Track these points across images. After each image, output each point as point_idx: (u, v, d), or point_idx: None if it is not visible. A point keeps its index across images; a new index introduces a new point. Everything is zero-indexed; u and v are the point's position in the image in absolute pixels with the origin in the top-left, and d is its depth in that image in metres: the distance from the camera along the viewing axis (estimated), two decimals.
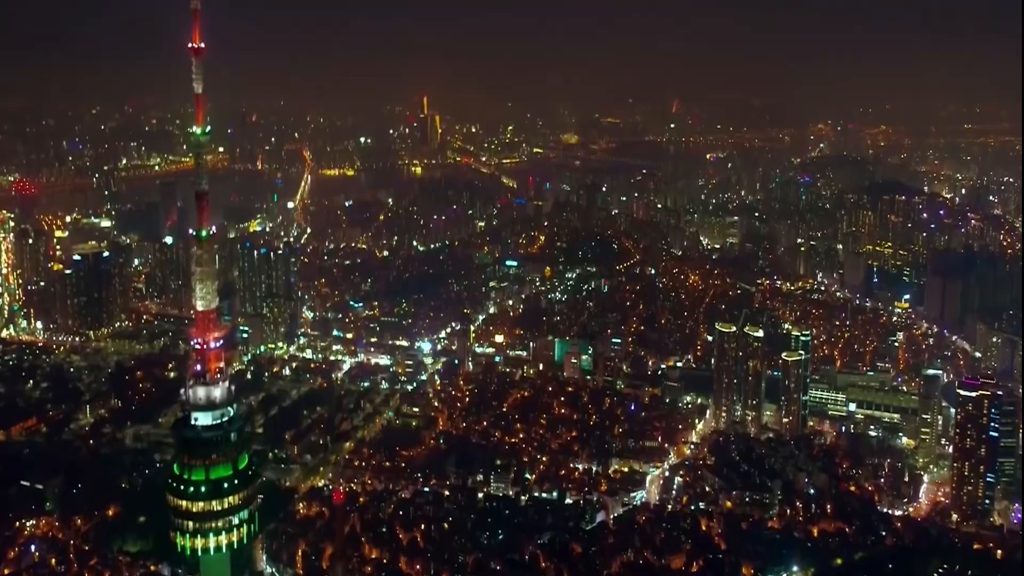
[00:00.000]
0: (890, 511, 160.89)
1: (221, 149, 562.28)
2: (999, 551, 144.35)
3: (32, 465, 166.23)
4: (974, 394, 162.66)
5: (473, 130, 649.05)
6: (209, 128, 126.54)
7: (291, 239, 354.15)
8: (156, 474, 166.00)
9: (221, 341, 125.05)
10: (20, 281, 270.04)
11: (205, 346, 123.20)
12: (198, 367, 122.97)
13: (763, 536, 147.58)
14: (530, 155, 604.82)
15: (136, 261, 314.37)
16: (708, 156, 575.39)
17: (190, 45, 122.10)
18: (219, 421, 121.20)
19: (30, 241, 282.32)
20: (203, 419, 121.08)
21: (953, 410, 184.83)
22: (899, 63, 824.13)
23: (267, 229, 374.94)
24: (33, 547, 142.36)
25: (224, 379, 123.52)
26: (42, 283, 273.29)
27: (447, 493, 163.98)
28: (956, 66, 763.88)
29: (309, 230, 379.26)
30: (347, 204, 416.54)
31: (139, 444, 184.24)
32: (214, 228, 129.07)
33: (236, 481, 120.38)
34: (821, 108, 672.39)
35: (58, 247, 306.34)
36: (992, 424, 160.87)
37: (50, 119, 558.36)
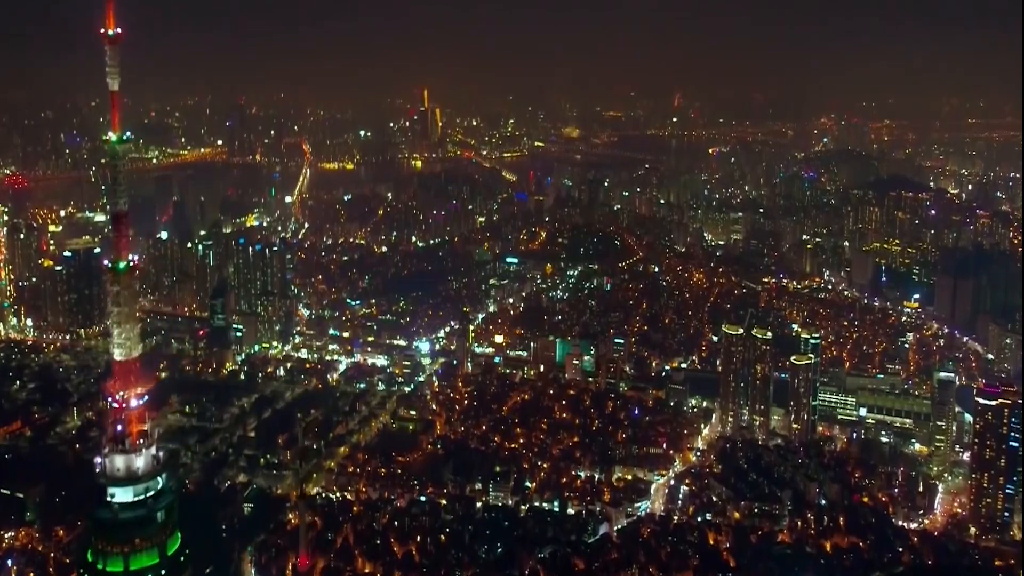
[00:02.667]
0: (905, 524, 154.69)
1: (220, 142, 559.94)
2: (1021, 569, 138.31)
3: (13, 471, 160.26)
4: (994, 402, 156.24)
5: (474, 123, 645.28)
6: (129, 134, 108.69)
7: (288, 234, 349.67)
8: None
9: (145, 397, 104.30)
10: (12, 277, 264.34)
11: (125, 404, 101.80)
12: (116, 430, 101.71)
13: (774, 551, 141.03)
14: (531, 149, 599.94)
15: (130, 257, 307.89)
16: (711, 150, 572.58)
17: (103, 31, 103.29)
18: (142, 497, 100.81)
19: (22, 236, 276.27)
20: (121, 495, 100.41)
21: (967, 415, 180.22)
22: (901, 57, 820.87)
23: (264, 224, 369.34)
24: (10, 561, 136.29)
25: (149, 444, 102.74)
26: (33, 279, 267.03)
27: (444, 502, 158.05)
28: (958, 60, 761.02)
29: (307, 225, 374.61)
30: (346, 198, 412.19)
31: None
32: (134, 259, 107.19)
33: (164, 571, 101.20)
34: (823, 102, 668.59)
35: (52, 242, 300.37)
36: (1012, 434, 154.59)
37: (48, 112, 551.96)
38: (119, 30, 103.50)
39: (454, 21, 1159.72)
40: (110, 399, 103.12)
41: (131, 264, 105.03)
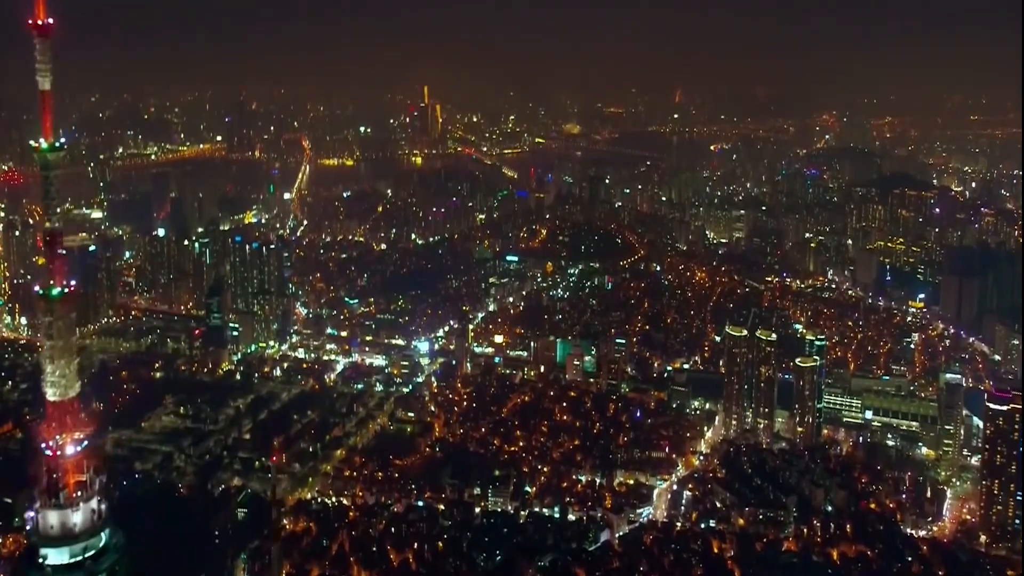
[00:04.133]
0: (913, 531, 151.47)
1: (219, 138, 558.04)
2: None
3: (3, 474, 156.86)
4: (1005, 407, 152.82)
5: (474, 119, 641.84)
6: (62, 140, 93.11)
7: (286, 231, 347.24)
8: (135, 485, 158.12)
9: (84, 442, 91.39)
10: (6, 275, 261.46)
11: (60, 452, 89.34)
12: (51, 480, 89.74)
13: (779, 560, 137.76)
14: (532, 145, 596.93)
15: (127, 254, 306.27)
16: (712, 147, 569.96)
17: (31, 21, 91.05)
18: (80, 558, 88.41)
19: (17, 233, 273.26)
20: (55, 557, 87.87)
21: (975, 419, 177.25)
22: (903, 53, 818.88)
23: (263, 221, 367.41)
24: None
25: (89, 497, 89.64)
26: (28, 277, 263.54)
27: (442, 508, 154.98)
28: (960, 57, 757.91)
29: (306, 222, 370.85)
30: (345, 195, 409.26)
31: (119, 451, 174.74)
32: (71, 284, 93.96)
33: None
34: (825, 99, 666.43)
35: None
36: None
37: None
38: (50, 20, 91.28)
39: (454, 17, 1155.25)
40: (44, 444, 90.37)
41: (66, 290, 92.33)
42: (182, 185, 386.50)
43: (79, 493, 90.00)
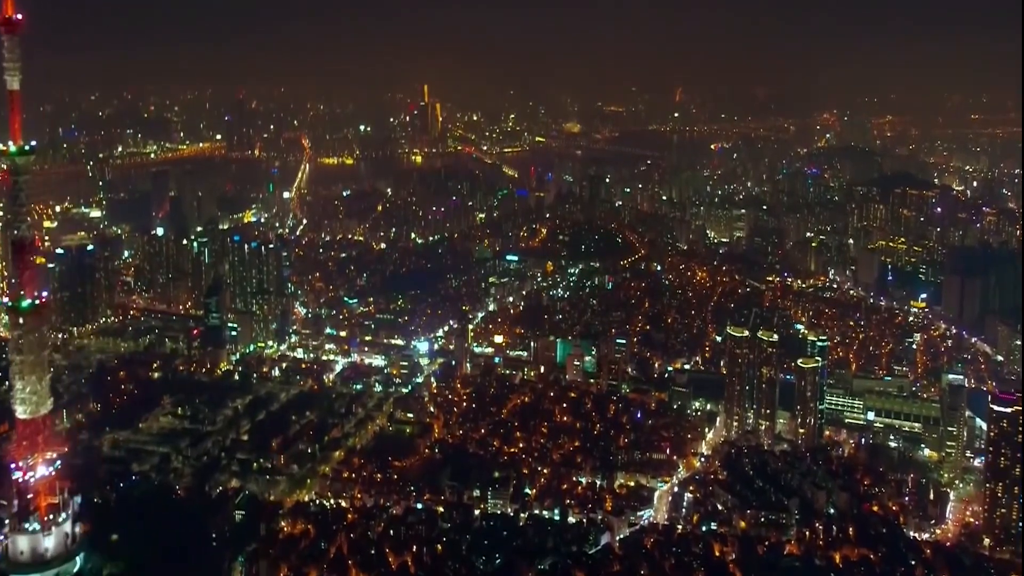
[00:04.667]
0: (916, 534, 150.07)
1: (219, 137, 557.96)
2: None
3: None
4: (1009, 409, 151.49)
5: (475, 118, 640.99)
6: (34, 143, 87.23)
7: (286, 231, 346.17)
8: (132, 487, 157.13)
9: (57, 463, 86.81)
10: (4, 274, 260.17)
11: (30, 473, 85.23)
12: (22, 503, 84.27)
13: (781, 563, 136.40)
14: (532, 144, 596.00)
15: (126, 253, 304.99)
16: (713, 146, 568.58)
17: None
18: None
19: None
20: None
21: (978, 420, 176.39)
22: (903, 53, 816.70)
23: (262, 220, 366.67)
24: None
25: (61, 520, 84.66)
26: None
27: (441, 510, 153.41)
28: (960, 56, 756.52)
29: (305, 221, 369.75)
30: (345, 194, 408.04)
31: (116, 452, 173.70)
32: (42, 296, 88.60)
33: None
34: (825, 98, 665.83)
35: (46, 238, 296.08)
36: None
37: (47, 105, 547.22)
38: (19, 16, 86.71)
39: (454, 17, 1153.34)
40: (12, 465, 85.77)
41: (37, 302, 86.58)
42: (181, 184, 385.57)
43: (51, 517, 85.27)
